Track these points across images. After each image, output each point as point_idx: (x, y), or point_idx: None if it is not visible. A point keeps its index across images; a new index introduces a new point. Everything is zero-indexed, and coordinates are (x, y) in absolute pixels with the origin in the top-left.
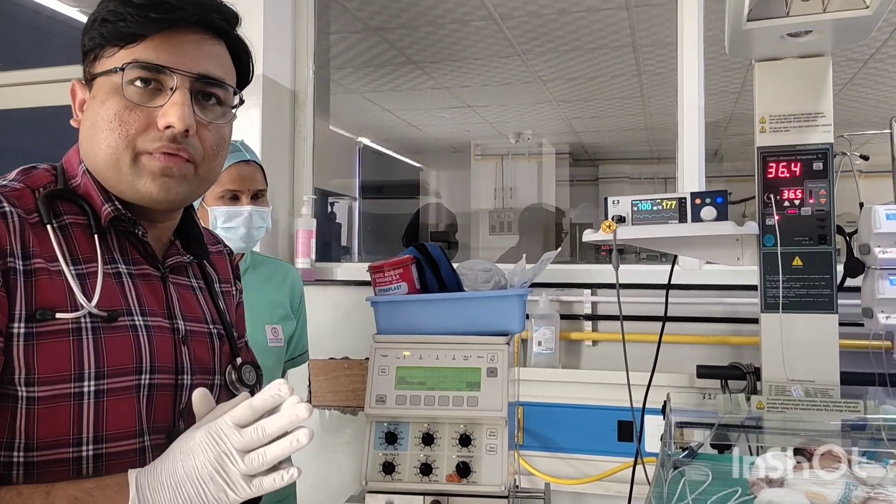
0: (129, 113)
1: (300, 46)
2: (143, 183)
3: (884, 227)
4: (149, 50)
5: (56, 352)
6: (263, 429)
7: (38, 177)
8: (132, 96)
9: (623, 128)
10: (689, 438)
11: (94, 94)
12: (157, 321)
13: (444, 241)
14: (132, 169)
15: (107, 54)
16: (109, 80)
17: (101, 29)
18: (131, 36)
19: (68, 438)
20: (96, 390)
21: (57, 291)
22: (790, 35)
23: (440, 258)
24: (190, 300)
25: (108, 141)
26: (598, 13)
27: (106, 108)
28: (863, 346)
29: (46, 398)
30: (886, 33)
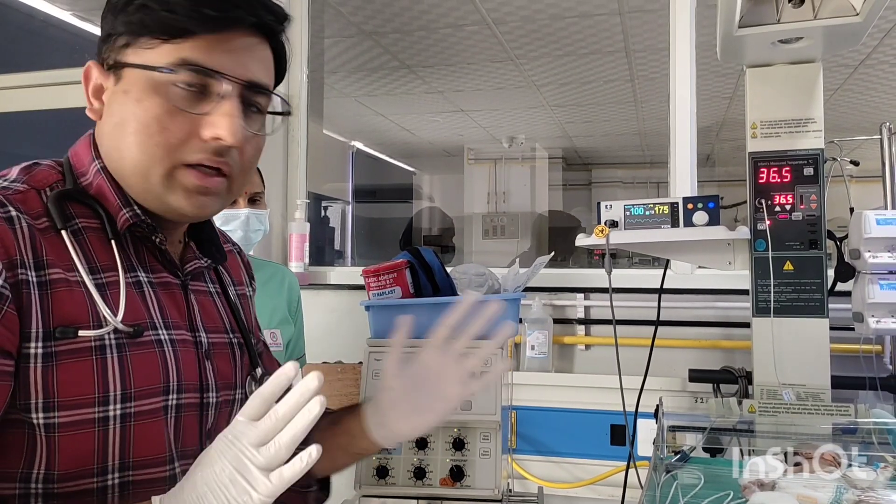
0: (172, 118)
1: (294, 50)
2: (175, 198)
3: (874, 232)
4: (199, 50)
5: (78, 373)
6: (276, 412)
7: (43, 175)
8: (177, 100)
9: (616, 132)
10: (682, 442)
11: (124, 86)
12: (181, 334)
13: (438, 245)
14: (164, 181)
15: (144, 44)
16: (148, 76)
17: (141, 14)
18: (180, 31)
19: (92, 468)
20: (122, 414)
21: (78, 305)
22: (781, 41)
23: (434, 262)
24: (210, 308)
25: (144, 146)
26: (591, 18)
27: (143, 107)
28: (853, 350)
29: (68, 424)
30: (877, 39)
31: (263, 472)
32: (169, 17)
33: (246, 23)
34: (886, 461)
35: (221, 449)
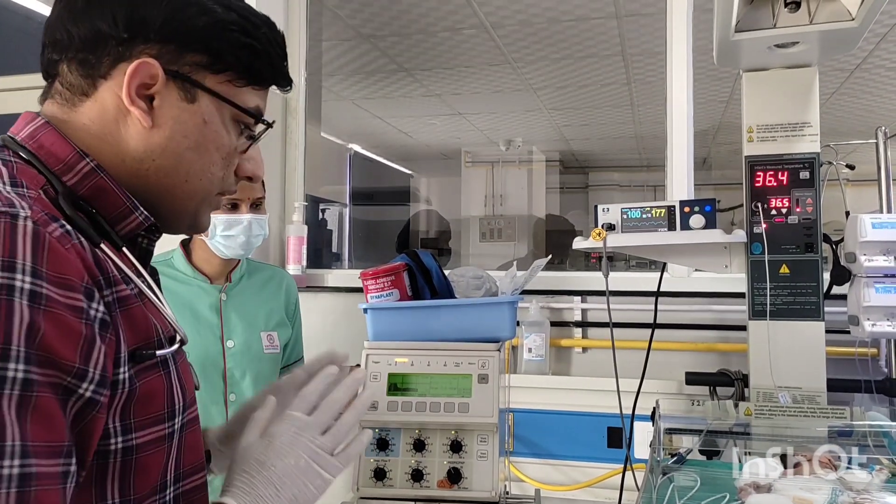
0: (234, 156)
1: (292, 53)
2: (205, 219)
3: (869, 235)
4: (263, 100)
5: (153, 391)
6: (334, 403)
7: (30, 175)
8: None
9: (613, 136)
10: (678, 445)
11: (202, 111)
12: None
13: (435, 248)
14: (204, 205)
15: (232, 79)
16: (234, 113)
17: (249, 55)
18: (269, 83)
19: (157, 484)
20: (181, 425)
21: (148, 322)
22: (777, 46)
23: (432, 265)
24: None
25: (213, 176)
26: (588, 22)
27: (224, 142)
28: (849, 353)
29: (145, 444)
30: (872, 44)
31: (332, 456)
32: (268, 69)
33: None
34: (882, 464)
35: (290, 442)
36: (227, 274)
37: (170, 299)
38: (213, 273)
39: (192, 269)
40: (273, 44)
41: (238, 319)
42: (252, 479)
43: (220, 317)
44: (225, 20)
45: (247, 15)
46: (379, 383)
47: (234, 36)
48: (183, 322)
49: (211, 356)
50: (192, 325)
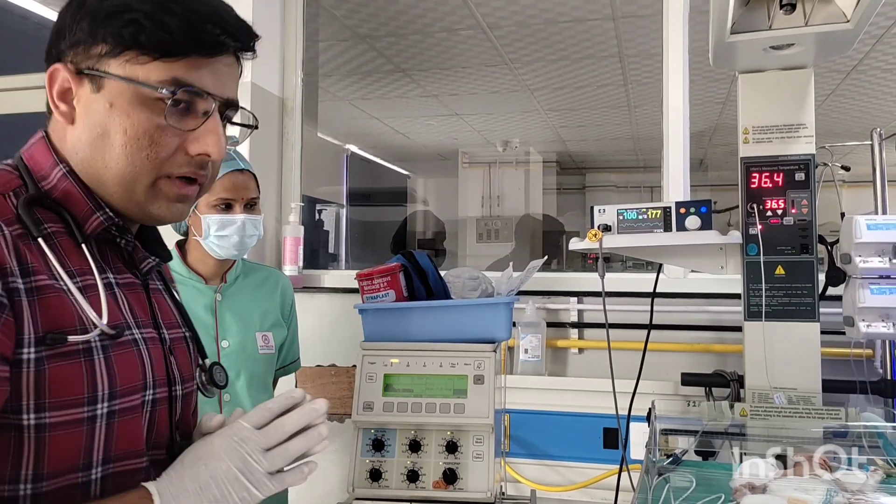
0: (161, 134)
1: (289, 54)
2: (157, 206)
3: (864, 237)
4: (188, 70)
5: (69, 376)
6: (283, 425)
7: (4, 180)
8: (166, 116)
9: (609, 137)
10: (674, 445)
11: (108, 97)
12: (149, 332)
13: (431, 249)
14: (149, 191)
15: (132, 59)
16: (136, 90)
17: (133, 29)
18: (174, 51)
19: (79, 464)
20: (109, 412)
21: (65, 310)
22: (773, 48)
23: (428, 266)
24: (164, 305)
25: (133, 159)
26: (584, 23)
27: (133, 121)
28: (844, 354)
29: (59, 424)
30: (868, 45)
31: (267, 475)
32: (164, 37)
33: (232, 48)
34: (877, 464)
35: (227, 448)
36: (222, 274)
37: None
38: (209, 273)
39: (187, 269)
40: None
41: (233, 320)
42: (183, 471)
43: (214, 317)
44: (111, 7)
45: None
46: (375, 384)
47: (120, 18)
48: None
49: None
50: None
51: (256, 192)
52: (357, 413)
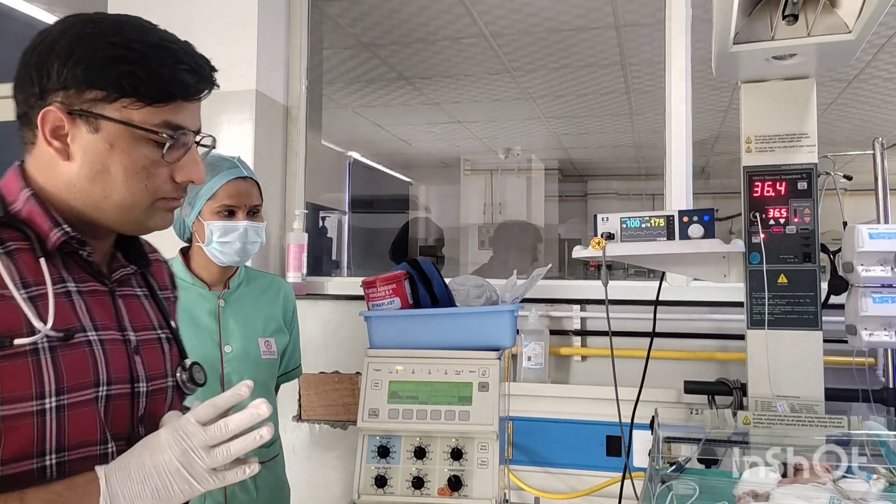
0: (156, 167)
1: (293, 62)
2: (154, 221)
3: (867, 245)
4: (174, 113)
5: (16, 373)
6: (226, 425)
7: None
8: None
9: (612, 144)
10: (677, 453)
11: (107, 138)
12: (109, 334)
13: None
14: (146, 212)
15: (128, 104)
16: (131, 132)
17: (131, 80)
18: (166, 99)
19: (32, 451)
20: (58, 406)
21: (12, 317)
22: (775, 58)
23: (433, 274)
24: (137, 309)
25: (133, 190)
26: (587, 32)
27: (133, 159)
28: (847, 362)
29: (10, 417)
30: (870, 54)
31: (209, 471)
32: (159, 88)
33: (206, 90)
34: (879, 472)
35: (171, 442)
36: (225, 281)
37: None
38: (212, 280)
39: (190, 275)
40: (164, 64)
41: (236, 325)
42: (130, 459)
43: (218, 323)
44: (107, 57)
45: (132, 45)
46: (380, 391)
47: (116, 68)
48: (181, 328)
49: (209, 361)
50: (191, 331)
51: (259, 200)
52: (362, 420)
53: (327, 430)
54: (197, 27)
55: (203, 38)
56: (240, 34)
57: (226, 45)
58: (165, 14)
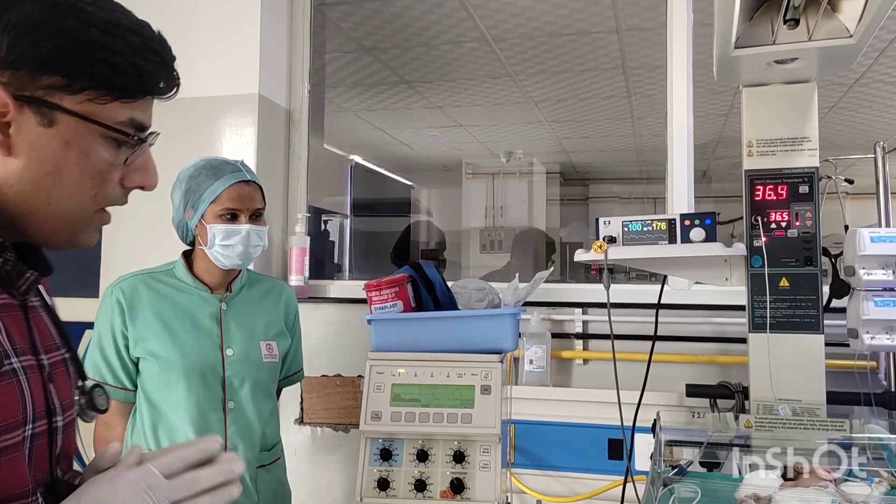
0: (111, 171)
1: (296, 66)
2: (87, 236)
3: (868, 249)
4: (141, 110)
5: None
6: (196, 481)
7: None
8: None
9: (613, 148)
10: (679, 457)
11: (63, 135)
12: (27, 360)
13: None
14: (85, 224)
15: (94, 97)
16: (93, 129)
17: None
18: (140, 94)
19: None
20: None
21: None
22: (776, 62)
23: (435, 277)
24: (42, 326)
25: (83, 197)
26: (588, 36)
27: (91, 162)
28: (848, 365)
29: None
30: (871, 58)
31: None
32: (134, 81)
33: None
34: (881, 476)
35: (133, 496)
36: (227, 284)
37: (171, 308)
38: (214, 283)
39: (193, 279)
40: (140, 52)
41: (237, 328)
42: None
43: (219, 326)
44: (78, 38)
45: (107, 27)
46: (383, 394)
47: (89, 53)
48: (183, 330)
49: (210, 364)
50: (192, 334)
51: (262, 203)
52: (365, 423)
53: (329, 433)
54: (200, 32)
55: (206, 43)
56: (243, 39)
57: (229, 49)
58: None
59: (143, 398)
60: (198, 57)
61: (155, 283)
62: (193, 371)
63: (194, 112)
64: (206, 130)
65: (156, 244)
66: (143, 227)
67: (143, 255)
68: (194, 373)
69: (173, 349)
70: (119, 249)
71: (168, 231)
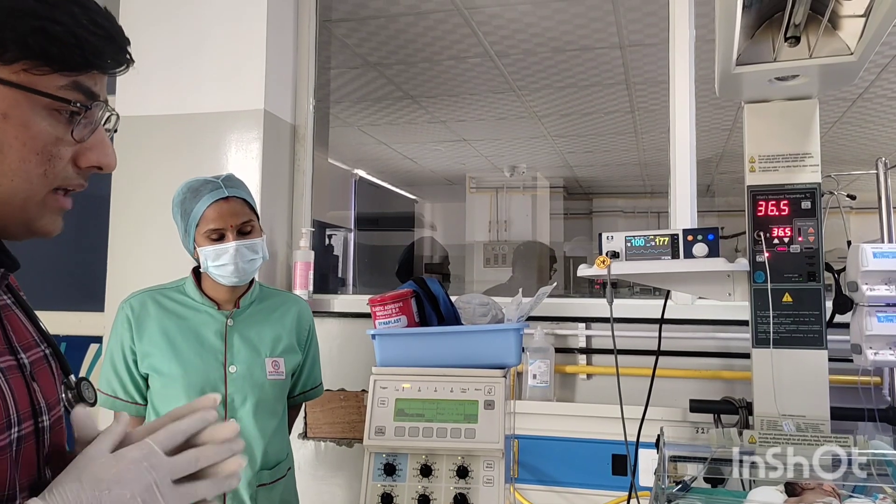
0: (59, 147)
1: (301, 81)
2: (45, 222)
3: (871, 265)
4: (89, 80)
5: None
6: (197, 460)
7: None
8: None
9: (617, 162)
10: (683, 472)
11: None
12: (6, 361)
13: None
14: (38, 207)
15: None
16: (33, 99)
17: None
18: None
19: None
20: None
21: None
22: (778, 79)
23: (439, 292)
24: (17, 324)
25: (29, 175)
26: (591, 52)
27: (32, 134)
28: (852, 381)
29: None
30: (874, 74)
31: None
32: (74, 52)
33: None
34: (885, 492)
35: (135, 475)
36: (235, 300)
37: (176, 325)
38: (222, 299)
39: (201, 295)
40: (82, 24)
41: (242, 345)
42: (81, 493)
43: (224, 342)
44: (11, 7)
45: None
46: (387, 409)
47: (23, 22)
48: (187, 347)
49: (211, 381)
50: (196, 351)
51: (249, 216)
52: (369, 437)
53: (333, 447)
54: (206, 48)
55: (212, 59)
56: (248, 55)
57: (234, 65)
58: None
59: (151, 413)
60: (204, 73)
61: (163, 300)
62: (194, 387)
63: (200, 127)
64: (211, 146)
65: (161, 258)
66: (149, 241)
67: (151, 270)
68: (194, 389)
69: (176, 365)
70: (125, 264)
71: (172, 246)
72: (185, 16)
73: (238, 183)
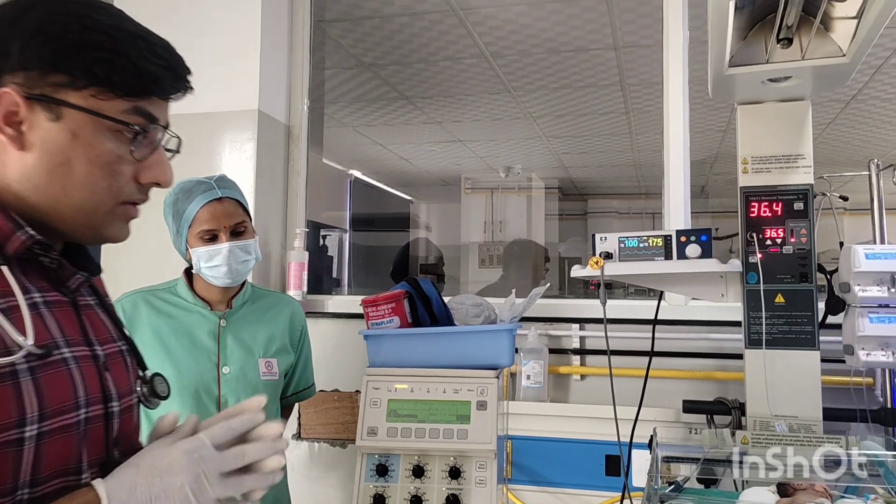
0: (122, 164)
1: (295, 82)
2: (113, 229)
3: (863, 266)
4: (150, 105)
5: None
6: (243, 455)
7: None
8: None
9: (611, 163)
10: (676, 473)
11: (70, 127)
12: (80, 350)
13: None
14: (106, 217)
15: (97, 93)
16: (98, 122)
17: (104, 68)
18: (141, 93)
19: (5, 486)
20: (38, 433)
21: None
22: (771, 80)
23: (432, 293)
24: (96, 320)
25: (95, 189)
26: (586, 53)
27: (98, 153)
28: (844, 382)
29: None
30: (867, 75)
31: (217, 501)
32: (133, 79)
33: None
34: (877, 493)
35: (185, 464)
36: (227, 301)
37: (169, 326)
38: (214, 300)
39: (193, 296)
40: (144, 55)
41: (235, 345)
42: (136, 478)
43: (217, 343)
44: (79, 40)
45: (110, 32)
46: (379, 409)
47: (91, 54)
48: (180, 348)
49: (205, 382)
50: (189, 352)
51: (242, 217)
52: (361, 438)
53: (326, 448)
54: (200, 48)
55: (206, 59)
56: (242, 55)
57: (229, 65)
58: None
59: (144, 414)
60: (198, 73)
61: (156, 301)
62: (187, 389)
63: (194, 128)
64: (205, 146)
65: (153, 259)
66: (141, 242)
67: (143, 271)
68: (188, 390)
69: (169, 366)
70: (119, 264)
71: (164, 247)
72: (178, 16)
73: (231, 184)
